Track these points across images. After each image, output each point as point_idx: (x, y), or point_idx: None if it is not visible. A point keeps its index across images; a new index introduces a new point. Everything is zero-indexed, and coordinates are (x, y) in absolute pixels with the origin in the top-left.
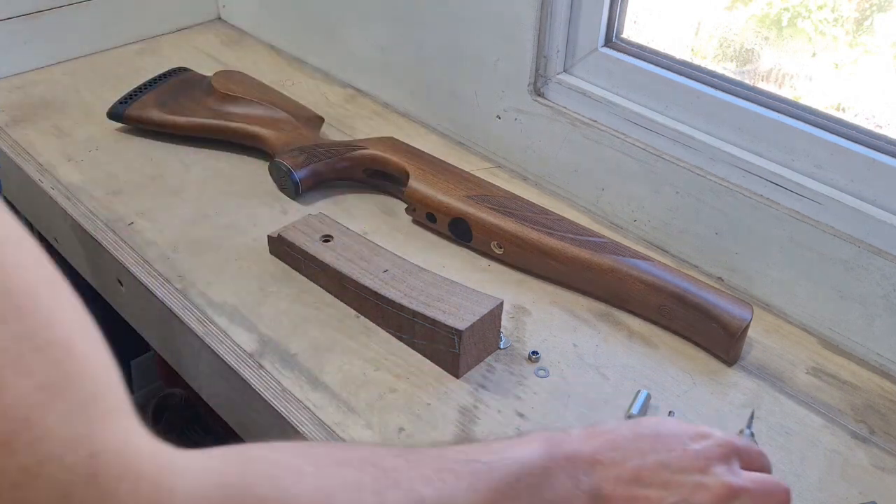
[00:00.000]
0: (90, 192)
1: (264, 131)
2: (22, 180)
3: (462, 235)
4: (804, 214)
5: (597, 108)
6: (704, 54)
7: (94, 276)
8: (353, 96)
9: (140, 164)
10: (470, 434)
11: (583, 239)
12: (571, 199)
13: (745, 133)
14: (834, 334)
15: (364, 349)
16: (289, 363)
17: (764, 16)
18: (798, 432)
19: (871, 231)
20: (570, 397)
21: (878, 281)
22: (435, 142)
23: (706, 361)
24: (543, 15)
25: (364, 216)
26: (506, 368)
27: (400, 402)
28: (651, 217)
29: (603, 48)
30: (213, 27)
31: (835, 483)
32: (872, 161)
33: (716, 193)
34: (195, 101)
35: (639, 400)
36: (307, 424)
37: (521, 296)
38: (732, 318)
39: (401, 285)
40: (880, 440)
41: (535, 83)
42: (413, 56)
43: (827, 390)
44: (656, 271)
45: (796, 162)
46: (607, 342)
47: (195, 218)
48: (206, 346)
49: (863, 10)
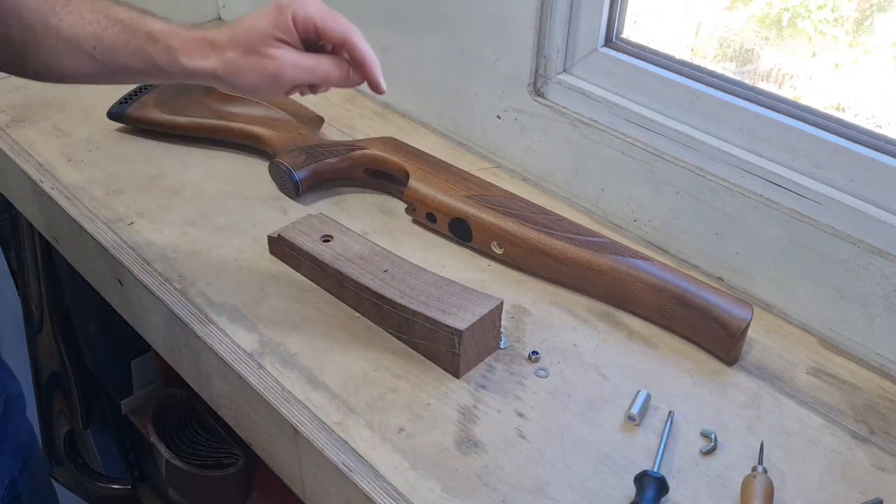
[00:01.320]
0: (90, 192)
1: (264, 131)
2: (22, 180)
3: (462, 235)
4: (804, 214)
5: (597, 108)
6: (704, 54)
7: (94, 276)
8: (353, 96)
9: (140, 164)
10: (470, 434)
11: (583, 239)
12: (571, 199)
13: (745, 133)
14: (834, 334)
15: (364, 349)
16: (289, 363)
17: (764, 16)
18: (798, 432)
19: (871, 231)
20: (570, 397)
21: (878, 281)
22: (435, 142)
23: (706, 361)
24: (543, 15)
25: (364, 216)
26: (506, 368)
27: (400, 402)
28: (651, 217)
29: (603, 48)
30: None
31: (835, 483)
32: (872, 161)
33: (716, 193)
34: (195, 101)
35: (639, 400)
36: (307, 424)
37: (521, 296)
38: (732, 318)
39: (401, 285)
40: (880, 440)
41: (535, 83)
42: (413, 56)
43: (827, 390)
44: (656, 271)
45: (796, 162)
46: (607, 342)
47: (195, 218)
48: (206, 346)
49: (863, 10)
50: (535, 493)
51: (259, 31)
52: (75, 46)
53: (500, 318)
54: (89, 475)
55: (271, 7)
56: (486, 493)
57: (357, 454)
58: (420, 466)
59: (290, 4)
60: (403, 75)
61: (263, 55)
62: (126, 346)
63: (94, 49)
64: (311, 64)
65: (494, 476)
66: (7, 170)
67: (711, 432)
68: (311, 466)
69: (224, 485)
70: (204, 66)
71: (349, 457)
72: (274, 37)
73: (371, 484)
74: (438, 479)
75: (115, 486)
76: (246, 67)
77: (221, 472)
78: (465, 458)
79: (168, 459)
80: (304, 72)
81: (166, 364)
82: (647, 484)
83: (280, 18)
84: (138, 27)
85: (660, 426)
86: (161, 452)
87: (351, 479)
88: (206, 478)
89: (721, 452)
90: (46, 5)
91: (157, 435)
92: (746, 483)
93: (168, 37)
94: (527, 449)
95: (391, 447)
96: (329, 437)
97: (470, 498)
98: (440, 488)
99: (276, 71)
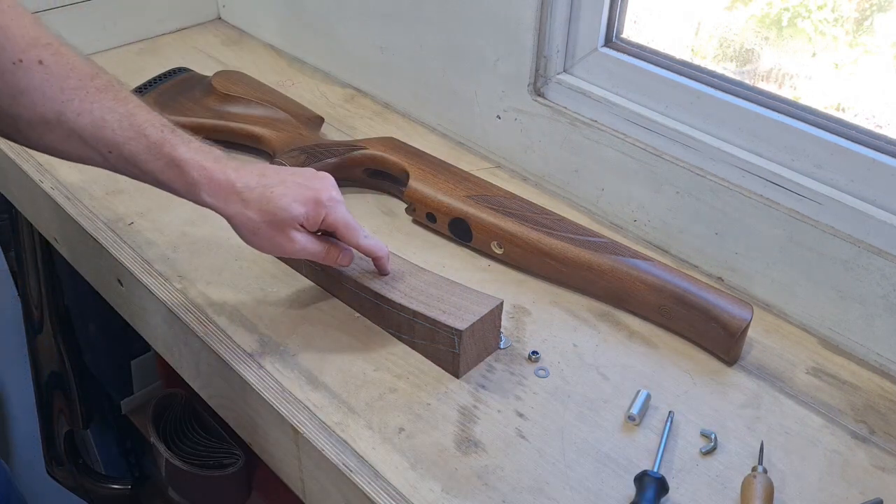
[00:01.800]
0: (90, 192)
1: (264, 131)
2: (22, 180)
3: (462, 235)
4: (804, 214)
5: (597, 108)
6: (704, 54)
7: (94, 275)
8: (353, 96)
9: None
10: (470, 434)
11: (583, 239)
12: (571, 199)
13: (745, 133)
14: (834, 334)
15: (364, 349)
16: (289, 363)
17: (764, 16)
18: (798, 432)
19: (871, 231)
20: (570, 397)
21: (878, 281)
22: (435, 142)
23: (706, 361)
24: (543, 15)
25: (364, 216)
26: (506, 368)
27: (400, 402)
28: (651, 217)
29: (603, 48)
30: (213, 27)
31: (835, 483)
32: (872, 161)
33: (716, 193)
34: (195, 101)
35: (639, 400)
36: (307, 424)
37: (521, 296)
38: (732, 318)
39: (401, 285)
40: (880, 440)
41: (535, 83)
42: (413, 56)
43: (827, 390)
44: (656, 271)
45: (796, 162)
46: (607, 342)
47: (195, 218)
48: (206, 346)
49: (863, 10)
50: (535, 493)
51: (291, 216)
52: (89, 145)
53: (501, 317)
54: (89, 475)
55: (310, 199)
56: (486, 493)
57: (357, 454)
58: (420, 466)
59: (326, 205)
60: (403, 75)
61: (285, 234)
62: (126, 346)
63: (108, 153)
64: (320, 251)
65: (494, 476)
66: (7, 170)
67: (711, 432)
68: (311, 466)
69: (224, 485)
70: (223, 210)
71: (349, 457)
72: (301, 223)
73: (371, 484)
74: (438, 479)
75: (115, 486)
76: (264, 235)
77: (221, 472)
78: (465, 458)
79: (168, 459)
80: (312, 255)
81: (166, 364)
82: (647, 484)
83: (314, 215)
84: (163, 150)
85: (660, 426)
86: (161, 452)
87: (351, 479)
88: (206, 478)
89: (721, 452)
90: (63, 95)
91: (157, 435)
92: (746, 483)
93: (194, 168)
94: (527, 449)
95: (391, 447)
96: (329, 437)
97: (470, 498)
98: (440, 488)
99: (291, 251)
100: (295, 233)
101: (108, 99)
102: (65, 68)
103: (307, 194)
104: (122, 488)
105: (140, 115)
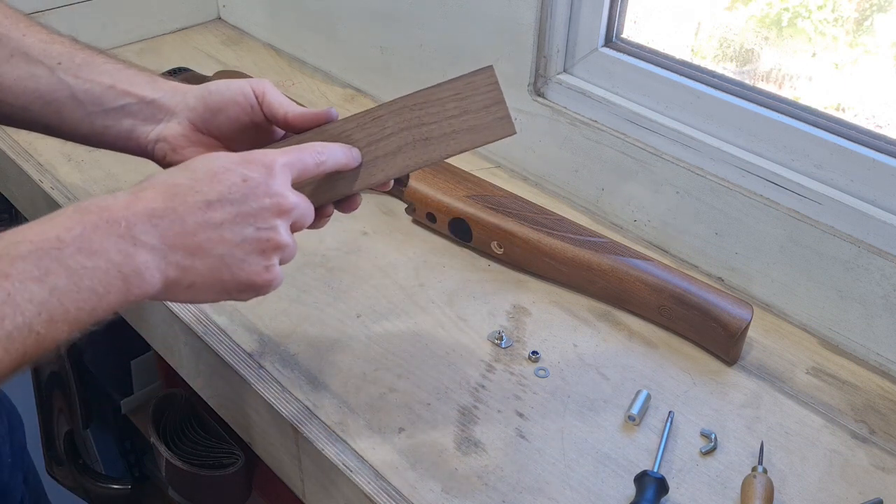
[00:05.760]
0: (90, 192)
1: None
2: (22, 180)
3: (462, 235)
4: (804, 214)
5: (597, 108)
6: (704, 54)
7: None
8: (353, 96)
9: (140, 164)
10: (470, 434)
11: (583, 239)
12: (571, 199)
13: (745, 133)
14: (834, 334)
15: (364, 349)
16: (289, 363)
17: (764, 16)
18: (798, 432)
19: (871, 231)
20: (570, 397)
21: (878, 281)
22: None
23: (706, 361)
24: (543, 15)
25: (364, 216)
26: (506, 368)
27: (400, 402)
28: (651, 217)
29: (603, 48)
30: (213, 27)
31: (835, 483)
32: (872, 161)
33: (716, 193)
34: None
35: (639, 400)
36: (307, 424)
37: (521, 296)
38: (732, 318)
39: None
40: (880, 440)
41: (535, 83)
42: (413, 56)
43: (827, 390)
44: (656, 271)
45: (796, 162)
46: (607, 342)
47: None
48: (206, 346)
49: (863, 10)
50: (535, 493)
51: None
52: (35, 60)
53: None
54: (89, 475)
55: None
56: (486, 493)
57: (357, 454)
58: (420, 466)
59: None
60: (403, 75)
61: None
62: (126, 346)
63: (58, 64)
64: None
65: (494, 476)
66: (7, 170)
67: (711, 432)
68: (311, 466)
69: (224, 485)
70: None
71: (349, 457)
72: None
73: (371, 484)
74: (438, 479)
75: (115, 486)
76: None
77: (221, 472)
78: (465, 458)
79: (168, 459)
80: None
81: (166, 364)
82: (647, 484)
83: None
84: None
85: (660, 426)
86: (161, 452)
87: (351, 479)
88: (206, 478)
89: (721, 452)
90: (8, 20)
91: (157, 435)
92: (746, 483)
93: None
94: (527, 449)
95: (391, 447)
96: (329, 437)
97: (470, 498)
98: (440, 488)
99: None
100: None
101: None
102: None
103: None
104: (122, 488)
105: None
